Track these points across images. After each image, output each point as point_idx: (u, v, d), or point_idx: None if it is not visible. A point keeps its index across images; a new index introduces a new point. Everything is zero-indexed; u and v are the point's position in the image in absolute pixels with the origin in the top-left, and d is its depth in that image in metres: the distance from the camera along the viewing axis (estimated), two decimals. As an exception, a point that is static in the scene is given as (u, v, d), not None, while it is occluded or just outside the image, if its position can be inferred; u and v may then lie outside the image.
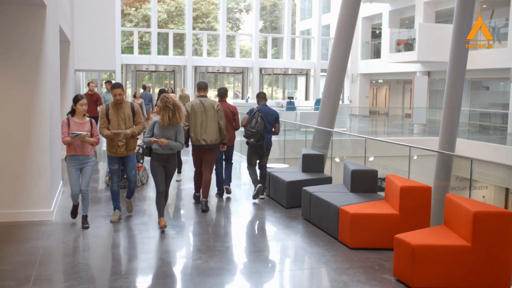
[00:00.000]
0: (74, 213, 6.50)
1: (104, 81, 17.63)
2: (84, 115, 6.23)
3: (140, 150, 8.46)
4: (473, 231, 4.54)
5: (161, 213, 6.29)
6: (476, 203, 4.93)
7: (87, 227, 6.24)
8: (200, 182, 7.45)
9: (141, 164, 8.78)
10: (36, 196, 6.52)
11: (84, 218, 6.29)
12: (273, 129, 7.99)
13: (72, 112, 6.21)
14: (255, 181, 7.87)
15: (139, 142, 8.08)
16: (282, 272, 5.19)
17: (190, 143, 7.35)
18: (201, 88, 7.40)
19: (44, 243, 5.70)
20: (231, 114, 7.84)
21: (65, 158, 6.23)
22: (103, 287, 4.57)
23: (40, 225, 6.33)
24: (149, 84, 26.72)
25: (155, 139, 6.09)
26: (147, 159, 8.91)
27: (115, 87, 6.49)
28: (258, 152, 7.82)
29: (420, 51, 20.65)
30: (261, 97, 8.13)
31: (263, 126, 7.56)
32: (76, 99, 6.16)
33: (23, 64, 6.37)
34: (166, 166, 6.27)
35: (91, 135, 6.20)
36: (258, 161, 7.98)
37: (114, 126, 6.42)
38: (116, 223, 6.51)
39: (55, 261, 5.32)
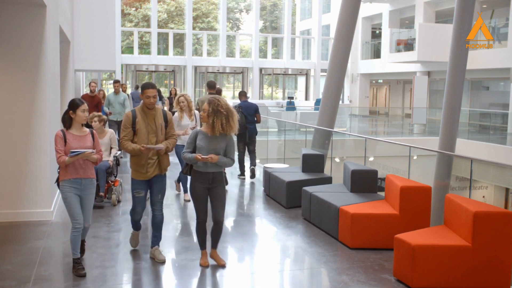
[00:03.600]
0: (78, 268, 4.80)
1: (105, 81, 17.39)
2: (82, 125, 4.87)
3: (116, 162, 7.64)
4: (473, 231, 4.54)
5: (203, 245, 5.07)
6: (476, 203, 4.93)
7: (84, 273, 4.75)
8: None
9: (117, 179, 7.67)
10: (36, 196, 6.52)
11: (82, 250, 5.11)
12: (255, 119, 9.24)
13: (67, 121, 4.77)
14: (242, 170, 9.56)
15: (115, 152, 7.48)
16: (282, 272, 5.19)
17: None
18: (211, 86, 8.55)
19: (44, 243, 5.70)
20: None
21: (57, 182, 4.87)
22: (103, 287, 4.57)
23: (40, 225, 6.33)
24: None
25: (201, 155, 4.73)
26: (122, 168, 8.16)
27: (147, 87, 4.95)
28: (243, 140, 9.24)
29: (420, 51, 20.65)
30: (242, 94, 9.42)
31: (244, 119, 8.87)
32: (75, 105, 4.72)
33: (23, 64, 6.37)
34: (212, 188, 4.93)
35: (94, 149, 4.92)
36: (246, 148, 9.39)
37: (142, 139, 4.94)
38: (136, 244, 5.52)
39: (55, 261, 5.33)
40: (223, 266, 5.00)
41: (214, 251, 5.11)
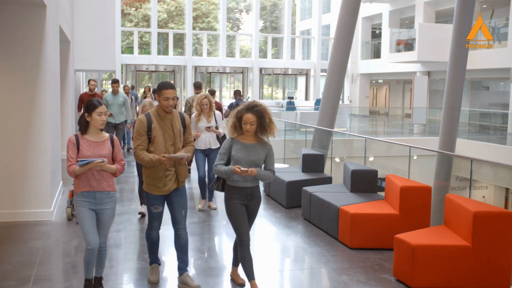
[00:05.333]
0: None
1: (105, 81, 17.09)
2: (101, 130, 4.21)
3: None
4: (473, 231, 4.54)
5: (251, 275, 4.35)
6: (476, 203, 4.93)
7: None
8: None
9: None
10: (36, 196, 6.52)
11: (98, 281, 4.32)
12: None
13: (83, 125, 4.16)
14: None
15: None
16: (282, 272, 5.19)
17: None
18: (197, 87, 9.11)
19: (44, 243, 5.70)
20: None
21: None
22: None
23: (40, 225, 6.33)
24: (149, 84, 26.73)
25: (241, 167, 4.12)
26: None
27: (165, 87, 4.29)
28: None
29: (420, 51, 20.64)
30: (237, 93, 10.61)
31: None
32: (91, 106, 4.09)
33: (23, 64, 6.37)
34: (249, 206, 4.37)
35: (113, 160, 4.21)
36: None
37: (159, 148, 4.33)
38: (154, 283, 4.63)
39: (55, 261, 5.33)
40: (241, 285, 4.60)
41: (235, 270, 4.71)
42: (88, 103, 4.11)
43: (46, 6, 6.39)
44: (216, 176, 4.37)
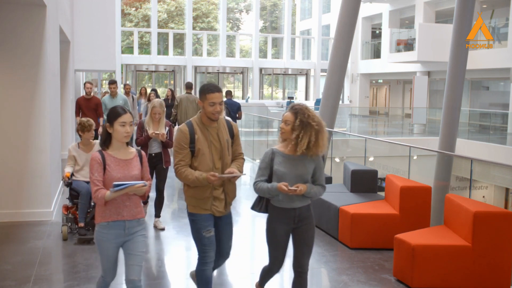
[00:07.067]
0: None
1: (105, 81, 16.64)
2: (127, 144, 3.45)
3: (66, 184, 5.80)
4: (473, 231, 4.54)
5: None
6: (476, 203, 4.93)
7: None
8: None
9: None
10: (36, 196, 6.52)
11: None
12: (237, 115, 11.19)
13: (105, 139, 3.41)
14: None
15: (66, 170, 5.74)
16: (282, 272, 5.19)
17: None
18: (188, 87, 10.30)
19: (44, 243, 5.69)
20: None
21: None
22: (103, 287, 4.57)
23: (40, 225, 6.33)
24: (149, 84, 26.74)
25: (287, 186, 3.43)
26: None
27: (212, 90, 3.61)
28: None
29: (420, 51, 20.65)
30: (228, 93, 11.48)
31: (228, 113, 10.49)
32: (114, 114, 3.35)
33: (23, 64, 6.37)
34: (297, 229, 3.65)
35: (141, 179, 3.47)
36: None
37: (206, 163, 3.63)
38: None
39: (55, 261, 5.33)
40: None
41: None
42: (110, 111, 3.40)
43: (46, 6, 6.39)
44: (257, 195, 3.70)
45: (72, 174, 5.79)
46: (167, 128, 6.14)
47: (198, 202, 3.64)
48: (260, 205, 3.71)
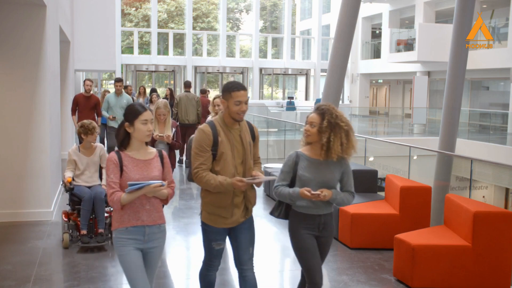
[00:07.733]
0: None
1: (105, 81, 16.64)
2: (147, 144, 3.27)
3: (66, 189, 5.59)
4: (473, 231, 4.54)
5: None
6: (476, 203, 4.93)
7: None
8: None
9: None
10: (36, 196, 6.53)
11: None
12: None
13: (123, 139, 3.19)
14: None
15: (67, 175, 5.58)
16: (282, 272, 5.19)
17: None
18: (187, 85, 10.79)
19: (44, 243, 5.69)
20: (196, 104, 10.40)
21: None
22: (103, 287, 4.57)
23: (40, 225, 6.33)
24: (149, 84, 26.73)
25: (311, 191, 3.25)
26: None
27: (237, 88, 3.33)
28: None
29: (420, 51, 20.65)
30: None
31: None
32: (134, 112, 3.14)
33: (23, 64, 6.37)
34: (320, 238, 3.48)
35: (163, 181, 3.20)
36: None
37: (228, 168, 3.37)
38: None
39: (55, 261, 5.32)
40: None
41: None
42: (128, 109, 3.16)
43: (46, 6, 6.39)
44: (277, 200, 3.50)
45: (73, 179, 5.62)
46: (173, 129, 5.76)
47: (217, 210, 3.39)
48: (279, 210, 3.53)
